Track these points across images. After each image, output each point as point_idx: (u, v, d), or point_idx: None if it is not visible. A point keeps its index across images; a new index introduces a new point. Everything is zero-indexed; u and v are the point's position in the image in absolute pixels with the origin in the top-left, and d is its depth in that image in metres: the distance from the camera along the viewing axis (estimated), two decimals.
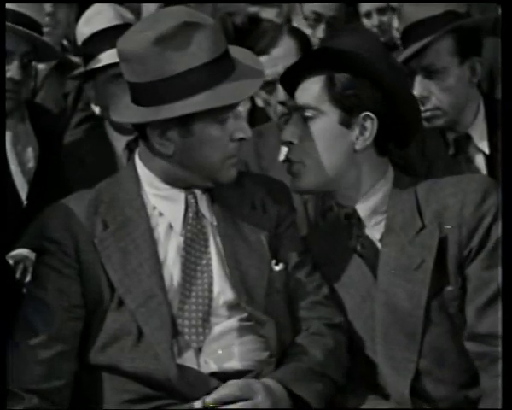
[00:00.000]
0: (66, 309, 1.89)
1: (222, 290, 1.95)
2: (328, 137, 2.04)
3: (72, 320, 1.90)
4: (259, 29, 2.99)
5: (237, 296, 1.94)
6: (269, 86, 2.71)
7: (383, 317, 2.00)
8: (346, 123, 2.03)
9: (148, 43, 1.84)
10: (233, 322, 1.94)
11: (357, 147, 2.05)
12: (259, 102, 2.91)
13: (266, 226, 2.04)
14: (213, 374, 1.89)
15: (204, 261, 1.96)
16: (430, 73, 2.50)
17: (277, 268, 2.02)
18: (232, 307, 1.95)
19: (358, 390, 2.03)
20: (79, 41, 2.94)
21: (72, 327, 1.90)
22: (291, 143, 2.08)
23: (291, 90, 2.12)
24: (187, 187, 1.99)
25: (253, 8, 3.45)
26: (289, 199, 2.14)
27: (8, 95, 2.53)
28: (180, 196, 1.99)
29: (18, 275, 2.18)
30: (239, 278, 1.95)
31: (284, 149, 2.14)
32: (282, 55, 2.74)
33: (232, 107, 1.92)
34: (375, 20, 3.25)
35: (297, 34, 2.86)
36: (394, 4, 3.19)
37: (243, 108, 3.02)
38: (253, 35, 2.90)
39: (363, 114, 2.03)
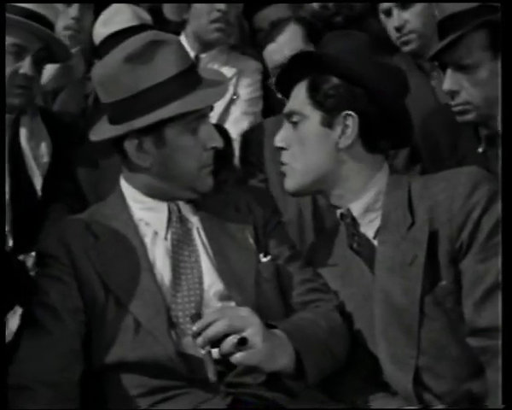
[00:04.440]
0: (72, 311, 1.97)
1: (212, 283, 2.01)
2: (312, 139, 2.10)
3: (77, 323, 1.96)
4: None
5: (227, 287, 2.00)
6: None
7: (382, 314, 2.01)
8: (328, 123, 2.09)
9: (119, 62, 1.97)
10: None
11: (341, 145, 2.09)
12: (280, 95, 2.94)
13: (251, 224, 2.11)
14: None
15: (193, 259, 2.03)
16: (461, 67, 2.47)
17: (265, 260, 2.08)
18: (223, 298, 2.00)
19: (367, 388, 2.03)
20: (97, 41, 3.01)
21: (78, 329, 1.96)
22: (283, 148, 2.15)
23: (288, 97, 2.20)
24: (169, 199, 2.08)
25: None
26: (272, 203, 2.25)
27: (21, 91, 2.62)
28: (163, 205, 2.08)
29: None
30: (227, 270, 2.02)
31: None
32: (287, 40, 2.86)
33: (202, 115, 2.02)
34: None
35: (303, 21, 2.94)
36: None
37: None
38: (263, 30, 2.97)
39: (343, 113, 2.08)
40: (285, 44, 2.86)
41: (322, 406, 1.92)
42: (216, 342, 1.81)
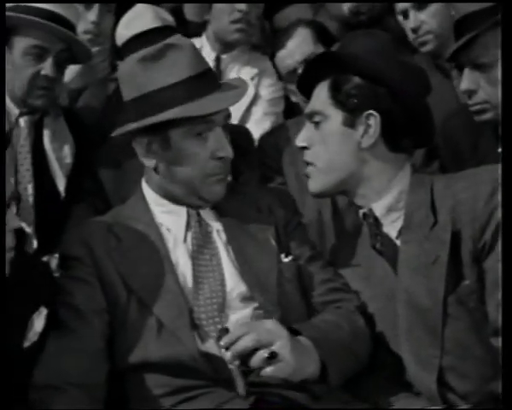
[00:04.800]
0: (96, 312, 1.98)
1: (234, 285, 2.02)
2: (334, 139, 2.10)
3: (101, 323, 1.98)
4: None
5: (249, 288, 2.01)
6: (292, 76, 2.85)
7: (405, 314, 2.00)
8: (350, 123, 2.09)
9: (135, 62, 2.01)
10: (247, 311, 2.00)
11: (363, 145, 2.09)
12: (293, 98, 2.95)
13: (272, 225, 2.12)
14: None
15: (214, 262, 2.04)
16: (478, 66, 2.46)
17: (286, 260, 2.08)
18: (245, 299, 2.01)
19: (390, 389, 2.02)
20: (119, 43, 3.03)
21: (102, 329, 1.98)
22: (305, 147, 2.15)
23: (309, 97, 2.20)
24: (183, 204, 2.08)
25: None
26: (293, 204, 2.25)
27: (43, 92, 2.65)
28: (182, 209, 2.09)
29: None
30: (250, 271, 2.03)
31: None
32: (297, 44, 2.88)
33: (210, 122, 2.01)
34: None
35: (312, 24, 2.95)
36: None
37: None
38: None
39: (365, 113, 2.07)
40: (295, 49, 2.87)
41: (346, 406, 1.92)
42: (244, 355, 1.82)
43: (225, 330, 1.86)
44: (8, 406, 1.74)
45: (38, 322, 1.90)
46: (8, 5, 2.64)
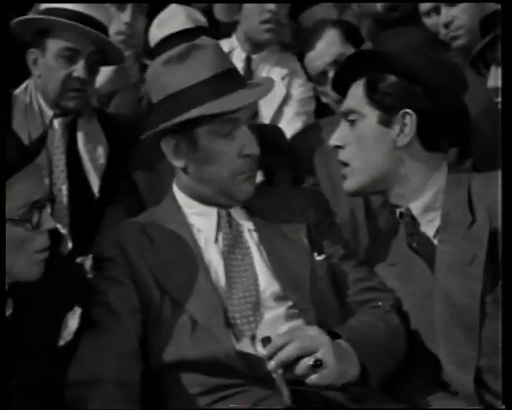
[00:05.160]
0: (130, 312, 1.98)
1: (268, 284, 2.02)
2: (370, 139, 2.10)
3: (135, 323, 1.98)
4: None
5: (283, 287, 2.01)
6: (321, 77, 2.84)
7: (442, 313, 1.99)
8: (386, 122, 2.08)
9: (160, 64, 2.03)
10: (281, 310, 2.00)
11: (399, 143, 2.08)
12: (324, 99, 2.94)
13: (305, 224, 2.11)
14: None
15: (246, 261, 2.04)
16: None
17: (319, 258, 2.08)
18: (279, 298, 2.01)
19: (427, 388, 2.01)
20: (152, 43, 3.04)
21: (136, 329, 1.98)
22: (340, 146, 2.14)
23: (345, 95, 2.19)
24: (213, 205, 2.09)
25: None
26: (326, 204, 2.24)
27: (75, 94, 2.67)
28: (212, 210, 2.09)
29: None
30: (283, 270, 2.02)
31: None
32: (326, 45, 2.84)
33: (236, 120, 2.00)
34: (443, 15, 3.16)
35: (341, 24, 2.92)
36: None
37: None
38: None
39: (401, 112, 2.06)
40: (324, 50, 2.85)
41: (382, 405, 1.92)
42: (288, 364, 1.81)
43: (268, 340, 1.84)
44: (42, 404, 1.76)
45: (73, 321, 1.92)
46: (43, 6, 2.67)
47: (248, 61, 3.27)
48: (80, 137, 2.76)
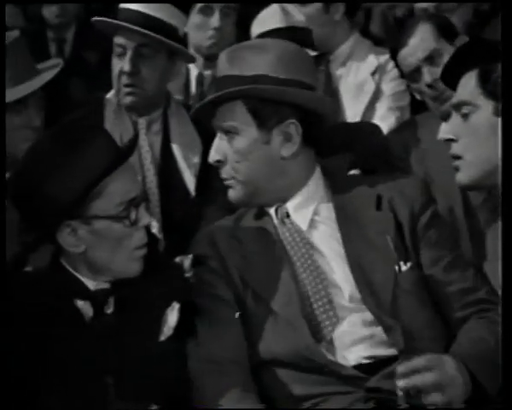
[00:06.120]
0: (233, 303, 1.99)
1: (346, 288, 1.96)
2: (485, 130, 2.02)
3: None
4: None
5: (363, 300, 1.95)
6: (415, 74, 2.77)
7: None
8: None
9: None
10: (360, 316, 1.95)
11: None
12: (418, 97, 2.88)
13: (393, 227, 2.01)
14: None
15: (309, 262, 1.99)
16: None
17: (405, 268, 1.99)
18: (357, 302, 1.95)
19: None
20: None
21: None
22: (451, 139, 2.08)
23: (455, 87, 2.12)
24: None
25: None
26: (426, 192, 2.11)
27: (128, 89, 2.68)
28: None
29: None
30: (363, 281, 1.96)
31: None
32: (419, 41, 2.77)
33: None
34: None
35: (434, 18, 2.86)
36: None
37: None
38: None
39: None
40: (418, 46, 2.77)
41: None
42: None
43: (406, 356, 1.81)
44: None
45: (172, 317, 1.92)
46: (121, 5, 2.70)
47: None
48: (173, 136, 2.76)
